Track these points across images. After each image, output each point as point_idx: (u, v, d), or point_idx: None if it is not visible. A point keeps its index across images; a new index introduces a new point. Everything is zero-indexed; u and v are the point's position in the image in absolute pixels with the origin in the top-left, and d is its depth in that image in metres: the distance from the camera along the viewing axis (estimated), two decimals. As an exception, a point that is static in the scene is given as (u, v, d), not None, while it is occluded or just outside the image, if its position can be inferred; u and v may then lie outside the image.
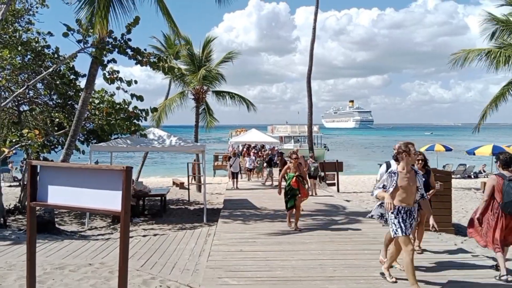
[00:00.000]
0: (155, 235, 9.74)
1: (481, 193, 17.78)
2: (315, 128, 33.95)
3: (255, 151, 24.94)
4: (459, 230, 10.57)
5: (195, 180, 20.51)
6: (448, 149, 26.09)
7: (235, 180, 18.56)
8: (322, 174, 18.83)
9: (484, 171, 27.42)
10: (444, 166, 26.93)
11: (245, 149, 28.01)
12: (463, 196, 18.27)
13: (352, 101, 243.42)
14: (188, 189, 17.77)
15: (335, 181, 19.70)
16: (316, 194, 15.32)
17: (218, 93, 21.64)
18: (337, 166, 20.18)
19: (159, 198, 14.23)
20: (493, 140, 25.83)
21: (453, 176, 18.83)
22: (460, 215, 13.07)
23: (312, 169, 15.58)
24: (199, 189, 19.31)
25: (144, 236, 9.65)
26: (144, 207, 13.90)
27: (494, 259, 6.28)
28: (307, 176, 13.30)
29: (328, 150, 41.01)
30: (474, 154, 18.79)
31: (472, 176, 27.30)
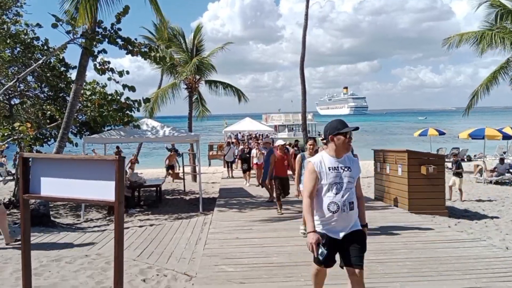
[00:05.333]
0: (151, 225, 9.75)
1: (474, 176, 17.91)
2: (309, 116, 33.90)
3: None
4: (453, 213, 10.70)
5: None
6: (441, 133, 26.25)
7: (229, 169, 18.59)
8: None
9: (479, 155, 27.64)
10: (437, 150, 27.10)
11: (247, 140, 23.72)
12: (457, 179, 18.40)
13: (346, 88, 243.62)
14: (184, 179, 17.78)
15: (330, 168, 19.72)
16: None
17: (211, 83, 21.52)
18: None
19: (155, 188, 14.24)
20: (486, 123, 25.98)
21: (446, 159, 18.93)
22: (453, 198, 13.20)
23: None
24: (194, 179, 19.32)
25: (140, 226, 9.66)
26: (140, 198, 13.90)
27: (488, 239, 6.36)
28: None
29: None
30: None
31: (466, 160, 27.50)
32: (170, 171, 19.95)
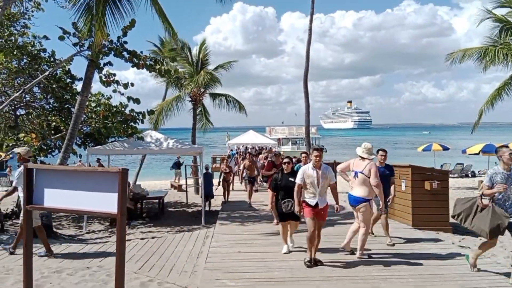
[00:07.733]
0: (153, 237, 9.72)
1: (479, 192, 17.80)
2: (312, 130, 33.93)
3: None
4: (457, 229, 10.59)
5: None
6: (445, 149, 26.20)
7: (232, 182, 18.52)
8: None
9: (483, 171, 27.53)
10: (442, 166, 27.00)
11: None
12: (461, 195, 18.29)
13: (350, 102, 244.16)
14: (186, 191, 17.75)
15: (333, 182, 19.62)
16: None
17: (215, 96, 21.64)
18: (335, 167, 20.12)
19: (157, 201, 14.21)
20: (490, 138, 25.94)
21: (450, 175, 18.85)
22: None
23: None
24: (197, 192, 19.29)
25: (142, 239, 9.63)
26: (142, 210, 13.88)
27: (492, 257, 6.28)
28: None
29: (326, 151, 41.04)
30: (465, 152, 19.01)
31: (470, 175, 27.37)
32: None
